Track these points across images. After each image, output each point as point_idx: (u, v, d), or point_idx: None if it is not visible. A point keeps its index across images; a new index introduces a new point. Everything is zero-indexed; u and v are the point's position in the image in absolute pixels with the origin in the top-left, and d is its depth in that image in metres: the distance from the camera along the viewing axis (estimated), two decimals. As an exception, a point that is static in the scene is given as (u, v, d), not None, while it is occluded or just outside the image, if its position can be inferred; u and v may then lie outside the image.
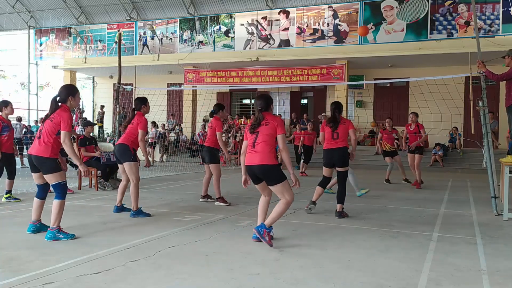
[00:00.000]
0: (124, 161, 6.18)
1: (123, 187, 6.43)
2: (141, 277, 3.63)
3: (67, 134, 4.74)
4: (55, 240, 4.69)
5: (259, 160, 4.50)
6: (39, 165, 4.81)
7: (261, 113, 4.69)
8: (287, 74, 17.83)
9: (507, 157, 6.53)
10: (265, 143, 4.53)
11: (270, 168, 4.51)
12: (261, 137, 4.55)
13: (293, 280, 3.62)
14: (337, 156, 6.39)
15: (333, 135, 6.42)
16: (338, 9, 16.58)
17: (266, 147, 4.52)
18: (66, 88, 4.97)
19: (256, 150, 4.54)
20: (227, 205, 7.20)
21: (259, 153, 4.52)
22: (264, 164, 4.49)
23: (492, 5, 14.59)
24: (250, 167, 4.58)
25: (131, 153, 6.18)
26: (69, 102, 4.89)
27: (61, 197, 4.80)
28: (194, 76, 19.36)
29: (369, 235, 5.22)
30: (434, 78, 10.14)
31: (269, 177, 4.54)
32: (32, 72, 22.93)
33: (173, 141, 19.33)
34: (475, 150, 15.32)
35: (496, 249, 4.69)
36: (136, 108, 6.45)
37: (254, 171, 4.57)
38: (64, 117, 4.74)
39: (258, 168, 4.53)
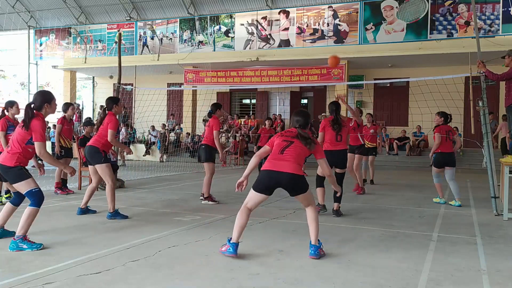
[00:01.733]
0: (95, 164, 6.05)
1: (91, 189, 6.25)
2: (141, 277, 3.63)
3: (42, 145, 4.35)
4: (18, 250, 4.25)
5: (292, 169, 4.16)
6: (4, 175, 4.48)
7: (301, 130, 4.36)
8: (287, 74, 17.82)
9: (507, 157, 6.53)
10: (298, 155, 4.24)
11: (300, 177, 4.23)
12: (293, 149, 4.23)
13: (293, 280, 3.62)
14: (340, 158, 6.46)
15: (336, 137, 6.46)
16: (338, 9, 16.57)
17: (298, 158, 4.24)
18: (41, 95, 4.55)
19: (286, 158, 4.19)
20: (216, 203, 7.23)
21: (290, 162, 4.18)
22: (295, 173, 4.17)
23: (492, 5, 14.58)
24: (277, 173, 4.16)
25: (101, 155, 6.01)
26: (44, 109, 4.48)
27: (35, 204, 4.38)
28: (194, 76, 19.36)
29: (369, 235, 5.22)
30: (434, 78, 10.15)
31: (299, 187, 4.25)
32: (32, 72, 22.91)
33: (173, 141, 19.34)
34: (475, 150, 15.31)
35: (496, 249, 4.69)
36: (108, 108, 6.31)
37: (281, 178, 4.16)
38: (37, 127, 4.33)
39: (288, 177, 4.16)
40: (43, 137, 4.37)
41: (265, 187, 4.23)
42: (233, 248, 4.16)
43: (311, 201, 4.38)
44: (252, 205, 4.31)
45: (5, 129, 6.96)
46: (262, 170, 4.26)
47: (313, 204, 4.39)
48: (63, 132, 8.47)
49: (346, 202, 7.34)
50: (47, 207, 6.82)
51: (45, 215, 6.12)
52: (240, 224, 4.26)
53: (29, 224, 4.39)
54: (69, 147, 8.66)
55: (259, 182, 4.25)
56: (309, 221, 4.36)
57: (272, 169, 4.19)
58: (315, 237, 4.28)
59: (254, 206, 4.33)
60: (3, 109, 7.26)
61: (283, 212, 6.50)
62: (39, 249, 4.31)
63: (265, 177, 4.22)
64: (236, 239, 4.22)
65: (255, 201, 4.30)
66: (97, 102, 23.39)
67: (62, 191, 8.34)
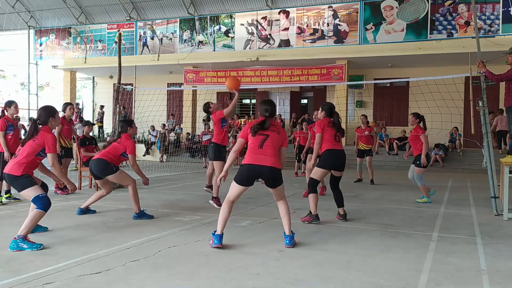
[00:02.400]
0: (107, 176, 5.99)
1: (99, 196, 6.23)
2: (141, 277, 3.63)
3: (54, 156, 4.67)
4: (18, 250, 4.31)
5: (272, 162, 4.54)
6: (11, 184, 4.69)
7: (269, 119, 4.69)
8: (287, 74, 17.82)
9: (507, 157, 6.53)
10: (274, 148, 4.60)
11: (279, 172, 4.63)
12: (271, 142, 4.58)
13: (293, 280, 3.62)
14: (344, 159, 6.10)
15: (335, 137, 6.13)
16: (338, 9, 16.57)
17: (275, 152, 4.61)
18: (45, 110, 4.87)
19: (266, 153, 4.55)
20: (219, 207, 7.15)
21: (270, 156, 4.55)
22: (275, 167, 4.56)
23: (492, 5, 14.58)
24: (259, 166, 4.52)
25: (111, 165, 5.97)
26: (50, 123, 4.83)
27: (42, 208, 4.51)
28: (194, 76, 19.36)
29: (369, 235, 5.22)
30: (434, 78, 10.16)
31: (277, 180, 4.62)
32: (32, 72, 22.91)
33: (173, 141, 19.35)
34: (475, 150, 15.31)
35: (496, 249, 4.69)
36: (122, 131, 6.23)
37: (262, 172, 4.54)
38: (49, 139, 4.66)
39: (269, 170, 4.53)
40: (54, 148, 4.70)
41: (246, 179, 4.57)
42: (217, 239, 4.44)
43: (284, 195, 4.75)
44: (235, 197, 4.62)
45: (4, 129, 6.97)
46: (244, 164, 4.59)
47: (285, 198, 4.74)
48: (62, 132, 8.47)
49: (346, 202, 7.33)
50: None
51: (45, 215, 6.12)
52: (224, 217, 4.56)
53: (32, 226, 4.50)
54: (69, 147, 8.65)
55: (241, 175, 4.57)
56: (282, 214, 4.70)
57: (253, 163, 4.53)
58: (289, 228, 4.64)
59: (237, 198, 4.65)
60: (3, 109, 7.26)
61: (283, 212, 6.49)
62: (39, 249, 4.33)
63: (247, 170, 4.56)
64: (220, 231, 4.50)
65: (237, 193, 4.61)
66: (97, 102, 23.39)
67: (62, 191, 8.33)
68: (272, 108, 4.76)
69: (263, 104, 4.77)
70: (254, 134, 4.61)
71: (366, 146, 10.79)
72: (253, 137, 4.61)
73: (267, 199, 7.91)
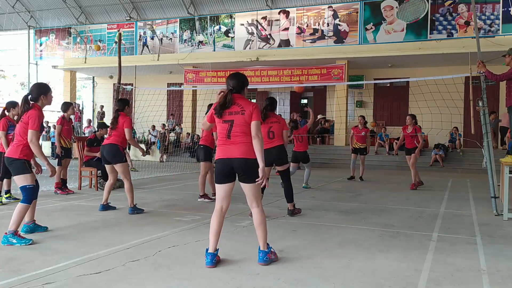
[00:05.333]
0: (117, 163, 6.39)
1: (110, 186, 6.59)
2: (141, 277, 3.63)
3: (34, 133, 4.57)
4: (9, 244, 4.45)
5: (241, 153, 3.89)
6: (8, 166, 4.72)
7: (231, 94, 3.96)
8: (287, 74, 17.82)
9: (507, 157, 6.53)
10: (243, 132, 3.91)
11: (252, 162, 3.90)
12: (238, 127, 3.90)
13: (293, 280, 3.62)
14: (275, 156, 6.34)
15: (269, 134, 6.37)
16: (338, 9, 16.57)
17: (245, 136, 3.91)
18: (38, 87, 4.84)
19: (235, 142, 3.90)
20: (211, 201, 7.28)
21: (239, 145, 3.90)
22: (247, 158, 3.89)
23: (492, 5, 14.58)
24: (229, 160, 3.91)
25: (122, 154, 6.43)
26: (40, 101, 4.76)
27: (25, 201, 4.58)
28: (194, 76, 19.36)
29: (369, 235, 5.22)
30: (434, 78, 10.16)
31: (250, 174, 3.91)
32: (32, 72, 22.91)
33: (173, 141, 19.34)
34: (475, 150, 15.31)
35: (496, 249, 4.69)
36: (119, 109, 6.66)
37: (232, 165, 3.92)
38: (33, 116, 4.59)
39: (239, 162, 3.89)
40: (37, 125, 4.58)
41: (223, 176, 3.97)
42: (208, 259, 3.88)
43: (259, 200, 4.03)
44: (222, 202, 4.01)
45: (5, 129, 6.98)
46: (216, 159, 4.01)
47: (259, 205, 4.03)
48: (62, 133, 8.47)
49: (346, 202, 7.35)
50: (47, 207, 6.82)
51: (45, 215, 6.12)
52: (214, 230, 3.98)
53: (19, 220, 4.56)
54: (69, 147, 8.65)
55: (217, 173, 4.01)
56: (255, 224, 4.01)
57: (224, 157, 3.94)
58: (264, 241, 3.97)
59: (225, 203, 4.02)
60: (4, 109, 7.27)
61: (283, 212, 6.50)
62: (28, 244, 4.46)
63: (220, 166, 3.97)
64: (213, 248, 3.93)
65: (222, 194, 4.00)
66: (97, 102, 23.38)
67: (62, 191, 8.34)
68: (238, 81, 4.03)
69: (228, 79, 4.07)
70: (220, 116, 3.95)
71: (361, 145, 11.46)
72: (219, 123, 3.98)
73: (267, 199, 7.91)
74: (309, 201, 7.54)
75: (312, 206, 7.25)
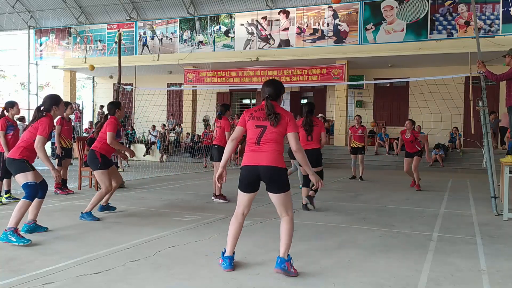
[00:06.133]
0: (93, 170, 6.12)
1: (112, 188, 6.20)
2: (141, 277, 3.63)
3: (42, 139, 4.69)
4: (7, 242, 4.48)
5: (269, 160, 3.74)
6: (8, 167, 4.83)
7: (269, 100, 3.85)
8: (287, 74, 17.82)
9: (507, 157, 6.53)
10: (275, 141, 3.77)
11: (281, 171, 3.77)
12: (270, 135, 3.76)
13: (293, 280, 3.62)
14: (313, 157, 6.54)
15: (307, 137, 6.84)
16: (338, 9, 16.56)
17: (276, 146, 3.77)
18: (50, 98, 4.99)
19: (264, 149, 3.76)
20: (227, 202, 7.26)
21: (267, 152, 3.75)
22: (275, 166, 3.74)
23: (492, 5, 14.58)
24: (255, 167, 3.77)
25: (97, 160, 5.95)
26: (53, 111, 4.92)
27: (28, 197, 4.64)
28: (194, 76, 19.36)
29: (369, 235, 5.22)
30: (434, 78, 10.17)
31: (278, 183, 3.78)
32: (32, 72, 22.91)
33: (173, 141, 19.34)
34: (475, 150, 15.31)
35: (496, 249, 4.69)
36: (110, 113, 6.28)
37: (258, 172, 3.77)
38: (44, 122, 4.74)
39: (266, 170, 3.74)
40: (46, 133, 4.70)
41: (247, 183, 3.84)
42: (227, 263, 3.81)
43: (289, 209, 3.84)
44: (244, 208, 3.90)
45: (4, 128, 6.98)
46: (242, 166, 3.89)
47: (290, 214, 3.85)
48: (62, 133, 8.47)
49: (346, 202, 7.35)
50: (47, 207, 6.82)
51: (45, 215, 6.12)
52: (233, 234, 3.87)
53: (20, 217, 4.57)
54: (69, 147, 8.65)
55: (241, 180, 3.87)
56: (282, 231, 3.84)
57: (250, 164, 3.80)
58: (285, 249, 3.76)
59: (246, 209, 3.91)
60: (3, 109, 7.27)
61: (283, 212, 6.49)
62: (26, 244, 4.43)
63: (245, 172, 3.83)
64: (230, 251, 3.86)
65: (244, 202, 3.90)
66: (97, 102, 23.38)
67: (62, 191, 8.33)
68: (274, 89, 3.92)
69: (263, 86, 3.95)
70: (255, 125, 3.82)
71: (359, 143, 11.51)
72: (250, 128, 3.85)
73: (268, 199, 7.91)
74: (309, 201, 7.53)
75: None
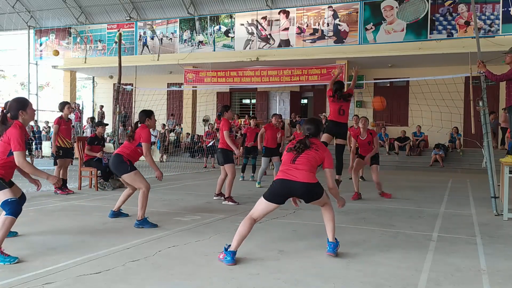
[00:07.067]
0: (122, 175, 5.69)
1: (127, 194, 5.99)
2: (141, 277, 3.63)
3: (20, 154, 4.08)
4: None
5: (305, 178, 4.05)
6: None
7: (308, 139, 4.21)
8: (287, 74, 17.82)
9: (507, 157, 6.52)
10: (309, 162, 4.11)
11: (314, 185, 4.11)
12: (306, 157, 4.12)
13: (293, 280, 3.62)
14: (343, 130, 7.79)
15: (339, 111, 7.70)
16: (338, 9, 16.58)
17: (310, 166, 4.11)
18: (16, 102, 4.30)
19: (299, 167, 4.08)
20: (236, 204, 7.25)
21: (302, 171, 4.07)
22: (309, 182, 4.06)
23: (492, 5, 14.58)
24: (290, 182, 4.05)
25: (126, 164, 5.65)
26: (21, 117, 4.23)
27: (10, 214, 3.99)
28: (194, 76, 19.36)
29: (369, 235, 5.22)
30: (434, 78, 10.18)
31: (314, 194, 4.15)
32: (32, 72, 22.91)
33: (173, 141, 19.34)
34: (475, 150, 15.32)
35: (496, 249, 4.69)
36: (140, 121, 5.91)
37: (294, 187, 4.07)
38: (14, 135, 4.07)
39: (302, 186, 4.06)
40: (21, 146, 4.10)
41: (278, 196, 4.12)
42: (230, 256, 3.99)
43: (327, 201, 4.33)
44: (259, 216, 4.15)
45: None
46: (276, 179, 4.16)
47: (329, 203, 4.34)
48: (61, 132, 8.46)
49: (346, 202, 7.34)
50: (47, 207, 6.83)
51: (45, 215, 6.13)
52: (242, 233, 4.08)
53: (4, 234, 3.98)
54: (69, 147, 8.63)
55: (272, 191, 4.12)
56: (326, 221, 4.37)
57: (285, 178, 4.08)
58: (333, 235, 4.28)
59: (261, 217, 4.17)
60: (3, 109, 7.25)
61: (283, 212, 6.50)
62: (12, 263, 3.91)
63: (279, 186, 4.10)
64: (235, 248, 4.05)
65: (264, 211, 4.13)
66: (97, 102, 23.39)
67: (62, 191, 8.33)
68: (315, 128, 4.29)
69: (305, 124, 4.37)
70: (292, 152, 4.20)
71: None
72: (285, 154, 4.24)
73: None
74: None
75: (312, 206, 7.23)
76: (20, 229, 5.15)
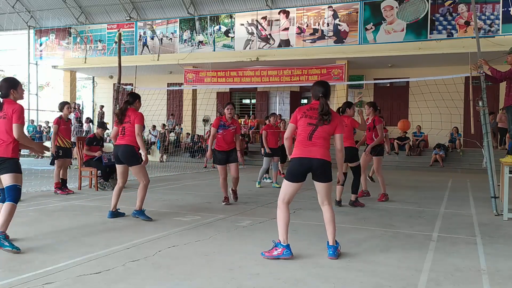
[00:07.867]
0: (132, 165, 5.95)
1: (119, 190, 6.10)
2: (141, 277, 3.63)
3: (19, 126, 4.32)
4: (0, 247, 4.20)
5: (322, 154, 4.20)
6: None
7: (323, 99, 4.27)
8: (287, 74, 17.83)
9: (507, 157, 6.52)
10: (325, 139, 4.25)
11: (329, 164, 4.27)
12: (321, 133, 4.22)
13: (293, 280, 3.62)
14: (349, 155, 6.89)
15: None
16: (338, 9, 16.58)
17: (326, 143, 4.26)
18: (6, 81, 4.51)
19: (316, 144, 4.21)
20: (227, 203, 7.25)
21: (320, 147, 4.21)
22: (326, 159, 4.22)
23: (492, 5, 14.58)
24: (309, 159, 4.19)
25: (138, 155, 5.95)
26: (12, 95, 4.45)
27: (14, 200, 4.33)
28: (194, 76, 19.36)
29: (369, 235, 5.22)
30: (434, 78, 10.16)
31: (326, 174, 4.26)
32: (32, 72, 22.92)
33: (173, 141, 19.34)
34: (475, 150, 15.32)
35: (496, 249, 4.69)
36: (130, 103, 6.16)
37: (311, 164, 4.20)
38: (16, 109, 4.33)
39: (319, 163, 4.19)
40: (22, 119, 4.36)
41: (299, 174, 4.25)
42: (288, 250, 4.16)
43: (330, 199, 4.33)
44: (289, 198, 4.29)
45: None
46: (293, 157, 4.30)
47: (330, 203, 4.34)
48: (60, 132, 8.45)
49: (346, 202, 7.34)
50: (47, 207, 6.83)
51: (45, 215, 6.13)
52: (285, 220, 4.24)
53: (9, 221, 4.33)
54: (68, 147, 8.63)
55: (292, 171, 4.27)
56: (326, 222, 4.34)
57: (303, 156, 4.23)
58: (333, 238, 4.27)
59: (291, 198, 4.31)
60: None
61: (283, 212, 6.49)
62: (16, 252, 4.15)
63: (297, 164, 4.25)
64: (287, 239, 4.20)
65: (291, 192, 4.29)
66: (97, 102, 23.39)
67: (62, 191, 8.33)
68: (327, 89, 4.38)
69: (314, 86, 4.42)
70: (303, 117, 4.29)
71: None
72: (302, 126, 4.29)
73: (267, 199, 7.92)
74: (309, 201, 7.53)
75: (312, 206, 7.24)
76: (20, 229, 5.15)
